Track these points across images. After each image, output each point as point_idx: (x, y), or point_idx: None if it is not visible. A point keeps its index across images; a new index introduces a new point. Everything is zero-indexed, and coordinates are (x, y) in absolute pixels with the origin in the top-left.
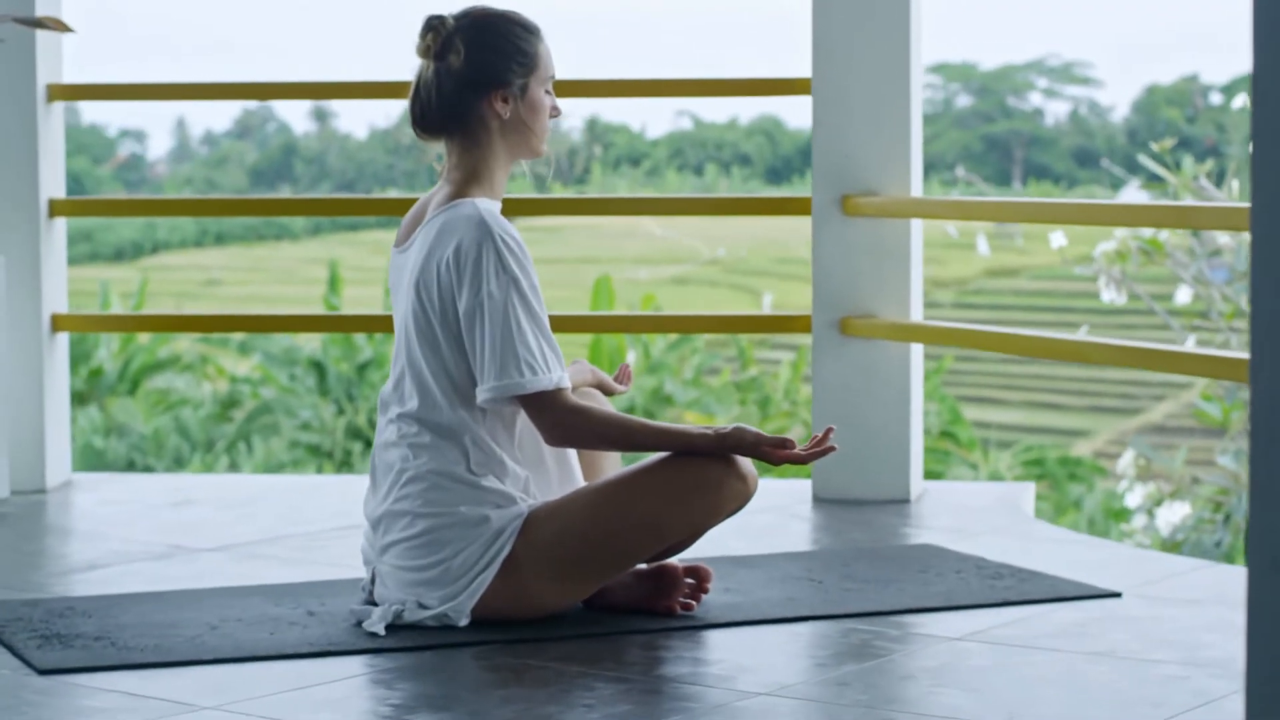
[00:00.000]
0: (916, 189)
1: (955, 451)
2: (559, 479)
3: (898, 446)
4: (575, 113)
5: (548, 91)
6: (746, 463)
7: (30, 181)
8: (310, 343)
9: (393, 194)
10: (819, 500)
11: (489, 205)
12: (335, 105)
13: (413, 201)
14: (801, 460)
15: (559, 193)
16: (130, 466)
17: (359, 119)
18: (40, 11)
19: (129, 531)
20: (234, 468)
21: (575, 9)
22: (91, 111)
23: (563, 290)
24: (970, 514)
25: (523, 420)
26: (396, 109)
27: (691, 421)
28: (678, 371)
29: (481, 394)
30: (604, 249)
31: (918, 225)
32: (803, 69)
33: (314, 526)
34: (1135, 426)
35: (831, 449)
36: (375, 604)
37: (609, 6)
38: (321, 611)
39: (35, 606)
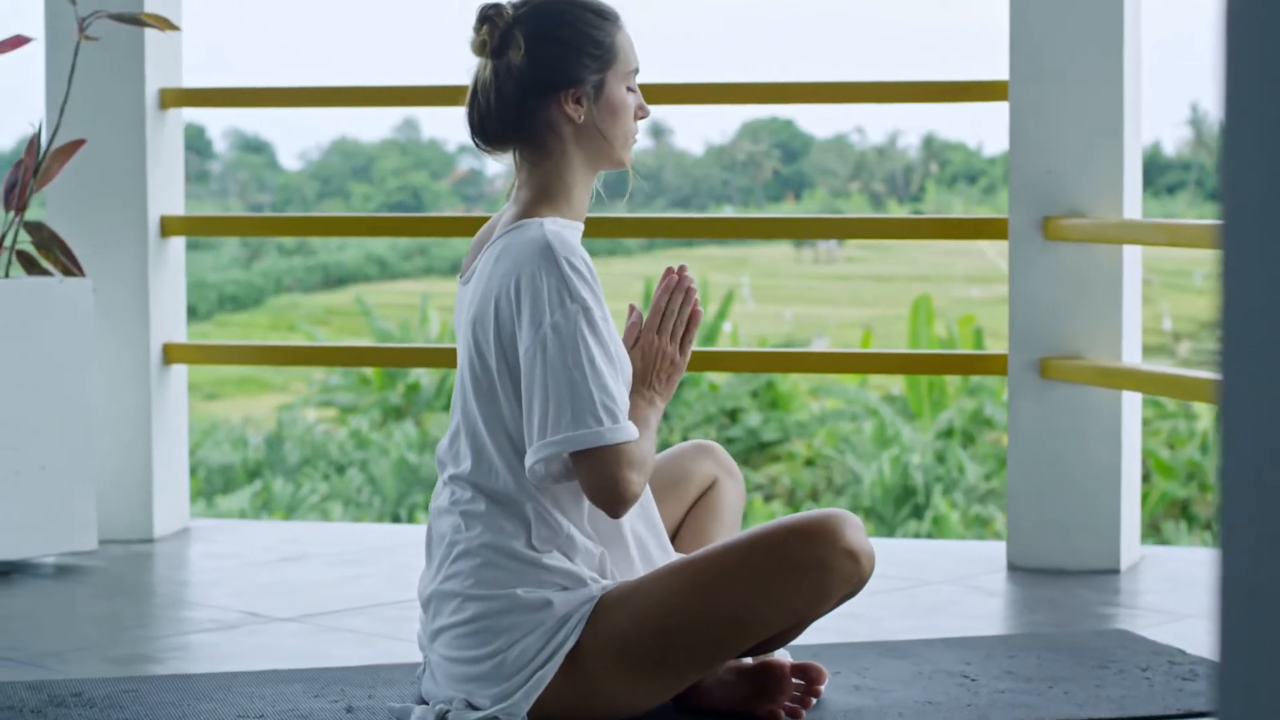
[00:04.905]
0: (1132, 210)
1: None
2: (642, 555)
3: (1107, 507)
4: (908, 129)
5: (631, 89)
6: (860, 537)
7: (138, 197)
8: None
9: (727, 211)
10: (1013, 569)
11: (558, 226)
12: (672, 122)
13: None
14: None
15: (894, 210)
16: None
17: (695, 135)
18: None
19: (211, 593)
20: None
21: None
22: (431, 127)
23: (889, 308)
24: (1189, 589)
25: None
26: (731, 124)
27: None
28: (999, 394)
29: (542, 449)
30: (935, 267)
31: (1133, 252)
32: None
33: None
34: None
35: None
36: (425, 701)
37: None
38: (364, 707)
39: (38, 690)
